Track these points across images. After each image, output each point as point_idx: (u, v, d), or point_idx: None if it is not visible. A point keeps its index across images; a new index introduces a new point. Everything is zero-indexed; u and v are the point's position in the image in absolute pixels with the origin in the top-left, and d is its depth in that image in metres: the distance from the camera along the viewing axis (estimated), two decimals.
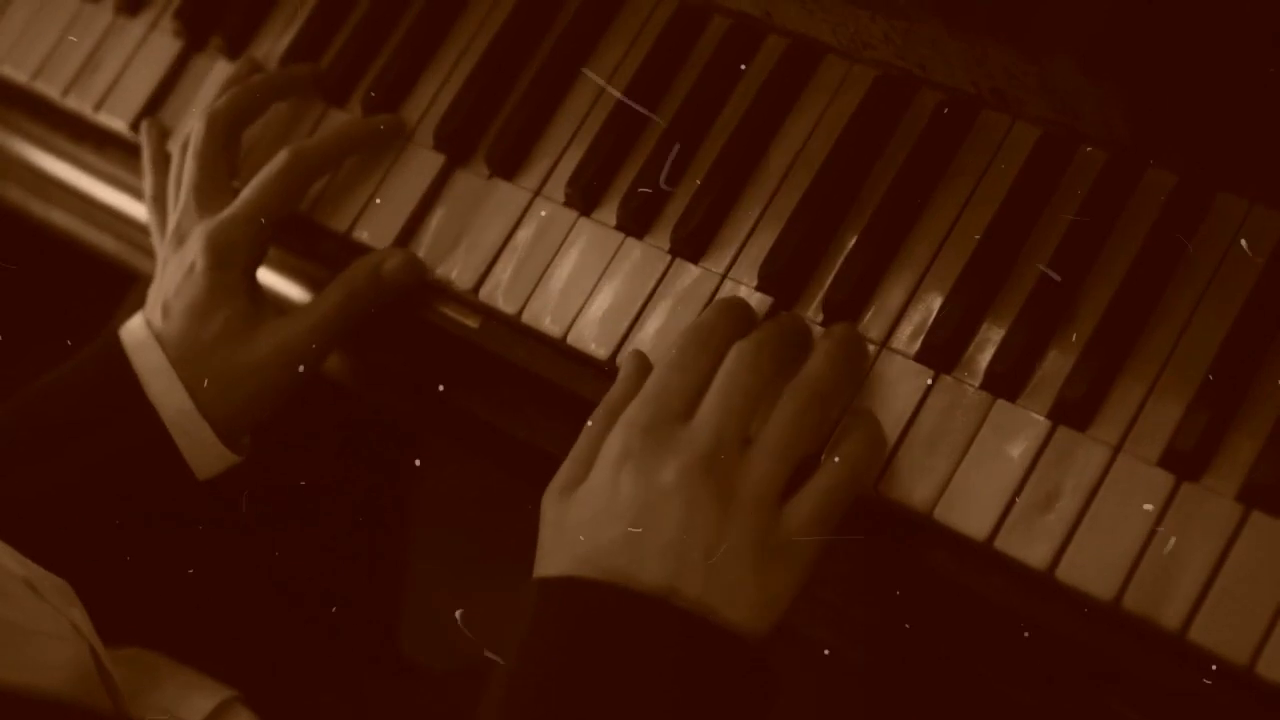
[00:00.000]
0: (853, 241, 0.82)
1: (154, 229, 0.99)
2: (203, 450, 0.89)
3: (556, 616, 0.73)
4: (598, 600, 0.72)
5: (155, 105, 1.05)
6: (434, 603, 1.28)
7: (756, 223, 0.85)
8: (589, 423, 0.79)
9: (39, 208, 1.10)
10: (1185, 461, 0.73)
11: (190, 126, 0.97)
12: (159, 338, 0.90)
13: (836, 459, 0.75)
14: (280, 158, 0.92)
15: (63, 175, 1.08)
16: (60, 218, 1.09)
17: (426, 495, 1.25)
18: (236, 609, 1.05)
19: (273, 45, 1.02)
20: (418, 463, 1.20)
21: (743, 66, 0.88)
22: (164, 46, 1.05)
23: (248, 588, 1.07)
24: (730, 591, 0.72)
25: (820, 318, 0.82)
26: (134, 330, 0.91)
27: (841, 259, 0.82)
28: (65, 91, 1.07)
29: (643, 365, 0.81)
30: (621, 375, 0.81)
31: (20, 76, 1.09)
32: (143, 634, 0.91)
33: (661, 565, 0.72)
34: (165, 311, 0.91)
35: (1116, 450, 0.74)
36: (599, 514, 0.74)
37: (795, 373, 0.77)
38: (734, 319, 0.80)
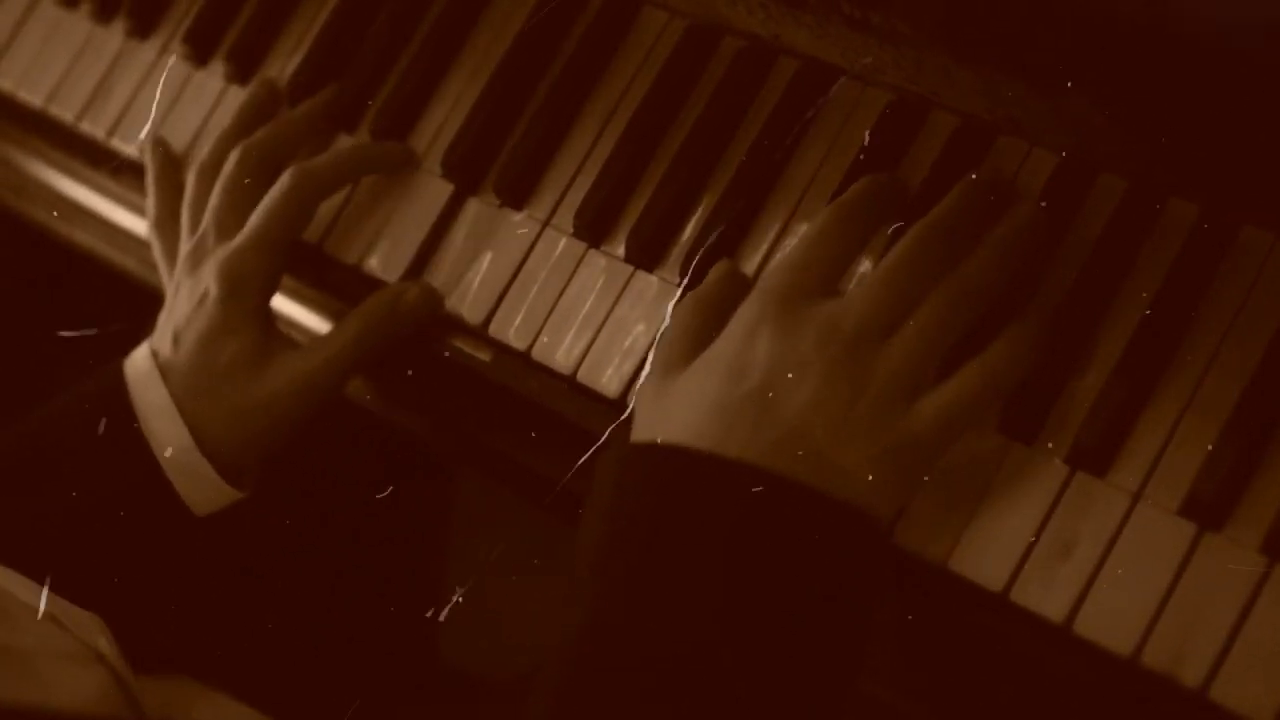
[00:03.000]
0: None
1: (158, 253, 0.96)
2: (203, 487, 0.88)
3: (665, 483, 0.72)
4: (710, 469, 0.71)
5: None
6: (477, 604, 1.27)
7: (770, 252, 0.83)
8: (674, 307, 0.78)
9: (63, 228, 1.09)
10: (1207, 511, 0.70)
11: (205, 151, 0.95)
12: (165, 370, 0.89)
13: (977, 364, 0.73)
14: (284, 180, 0.90)
15: (82, 199, 1.07)
16: (84, 238, 1.08)
17: (466, 491, 1.24)
18: (269, 626, 1.05)
19: (282, 67, 1.00)
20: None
21: (755, 89, 0.86)
22: (175, 70, 1.03)
23: (279, 605, 1.07)
24: (847, 474, 0.71)
25: None
26: (137, 363, 0.90)
27: None
28: (79, 117, 1.06)
29: (734, 270, 0.79)
30: (712, 276, 0.79)
31: (35, 100, 1.08)
32: (175, 657, 0.90)
33: (783, 433, 0.71)
34: (176, 340, 0.89)
35: (1136, 498, 0.72)
36: (730, 369, 0.72)
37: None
38: (886, 196, 0.78)
